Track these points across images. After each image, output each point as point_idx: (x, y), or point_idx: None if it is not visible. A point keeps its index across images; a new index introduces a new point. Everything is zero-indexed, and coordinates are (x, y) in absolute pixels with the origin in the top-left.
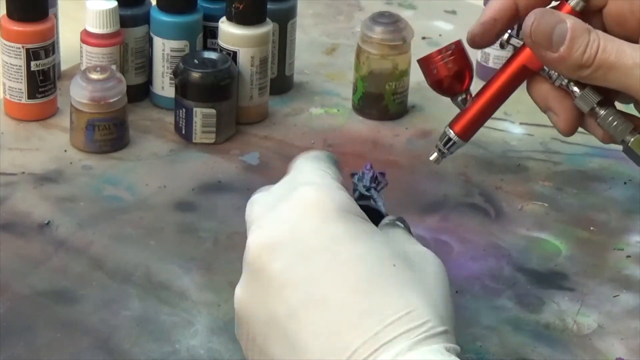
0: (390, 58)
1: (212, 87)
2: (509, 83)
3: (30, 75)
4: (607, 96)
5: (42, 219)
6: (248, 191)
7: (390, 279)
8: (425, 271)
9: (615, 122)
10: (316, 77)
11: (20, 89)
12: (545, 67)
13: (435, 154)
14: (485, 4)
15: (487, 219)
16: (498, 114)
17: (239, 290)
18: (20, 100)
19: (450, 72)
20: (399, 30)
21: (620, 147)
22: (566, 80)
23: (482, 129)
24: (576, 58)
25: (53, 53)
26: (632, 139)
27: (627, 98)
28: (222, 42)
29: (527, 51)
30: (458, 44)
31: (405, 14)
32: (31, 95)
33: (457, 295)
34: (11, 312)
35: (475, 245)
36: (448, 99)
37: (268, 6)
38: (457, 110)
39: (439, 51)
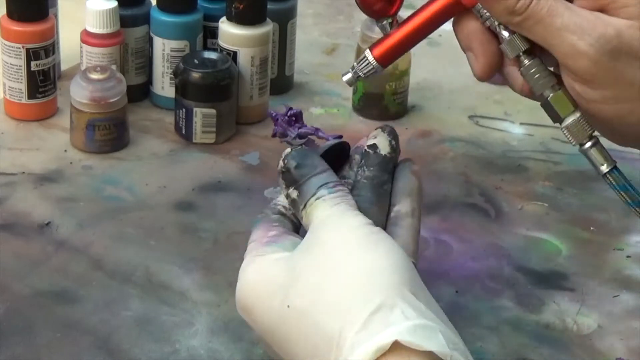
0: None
1: (212, 87)
2: (438, 14)
3: (30, 75)
4: (533, 47)
5: (42, 219)
6: (248, 191)
7: (317, 306)
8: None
9: (538, 74)
10: (316, 77)
11: (20, 89)
12: (477, 5)
13: (349, 75)
14: None
15: (487, 219)
16: (498, 113)
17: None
18: (20, 100)
19: None
20: None
21: (619, 146)
22: (497, 22)
23: (482, 129)
24: (510, 2)
25: (53, 53)
26: (552, 94)
27: (549, 58)
28: (222, 42)
29: None
30: None
31: (406, 14)
32: (31, 95)
33: (457, 295)
34: (11, 312)
35: (475, 245)
36: (448, 99)
37: (268, 6)
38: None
39: None
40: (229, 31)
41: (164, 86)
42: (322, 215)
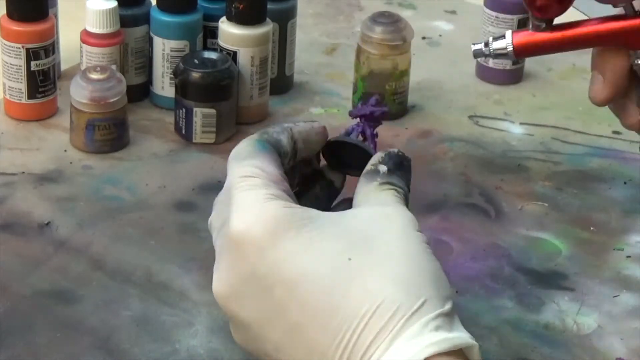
0: (390, 58)
1: (212, 87)
2: (596, 37)
3: (30, 75)
4: None
5: (42, 219)
6: None
7: (348, 278)
8: (387, 238)
9: None
10: (316, 77)
11: (20, 89)
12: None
13: (480, 46)
14: (486, 4)
15: (487, 219)
16: (498, 113)
17: (232, 332)
18: (20, 100)
19: None
20: (399, 30)
21: (619, 147)
22: None
23: (482, 129)
24: None
25: (53, 53)
26: None
27: None
28: (222, 42)
29: (635, 24)
30: None
31: (405, 14)
32: (31, 95)
33: (457, 295)
34: (11, 312)
35: (475, 245)
36: (448, 99)
37: (268, 6)
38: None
39: None
40: (229, 31)
41: (164, 86)
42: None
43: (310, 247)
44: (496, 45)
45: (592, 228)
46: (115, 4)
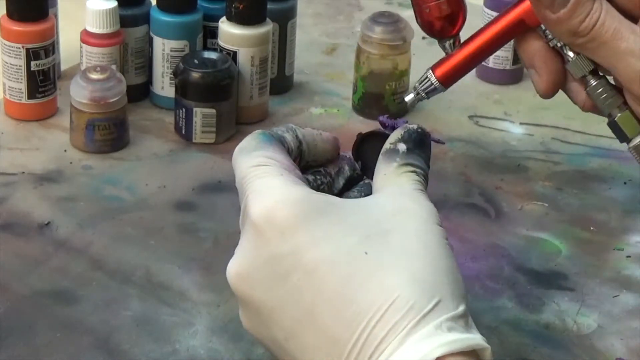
0: (390, 58)
1: (212, 87)
2: (502, 34)
3: (30, 75)
4: (599, 67)
5: (42, 219)
6: None
7: (366, 270)
8: (407, 238)
9: (605, 94)
10: (316, 77)
11: (20, 89)
12: (542, 25)
13: (411, 95)
14: (485, 4)
15: (487, 219)
16: (498, 113)
17: (241, 316)
18: (20, 100)
19: (443, 13)
20: (399, 30)
21: (619, 147)
22: (561, 43)
23: (482, 129)
24: (573, 24)
25: (53, 53)
26: (620, 114)
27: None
28: (222, 42)
29: (526, 5)
30: None
31: (405, 13)
32: (31, 95)
33: None
34: (11, 312)
35: (475, 245)
36: (448, 99)
37: (268, 6)
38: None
39: None
40: (228, 31)
41: (163, 86)
42: (406, 188)
43: (331, 234)
44: (423, 87)
45: (592, 228)
46: (115, 4)
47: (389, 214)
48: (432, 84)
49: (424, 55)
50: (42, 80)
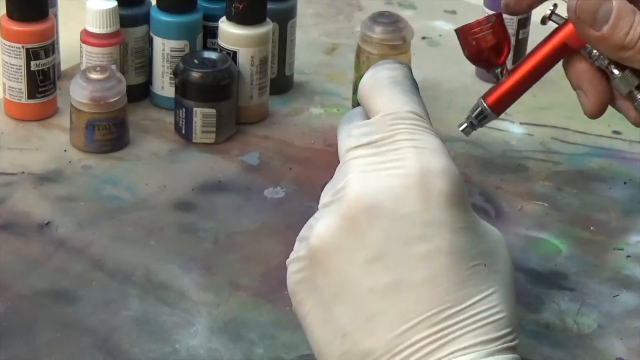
0: (390, 58)
1: (212, 87)
2: (547, 59)
3: (30, 75)
4: None
5: (42, 219)
6: (248, 191)
7: (480, 279)
8: (503, 263)
9: None
10: (316, 77)
11: (20, 89)
12: (586, 46)
13: (465, 125)
14: (485, 4)
15: (487, 218)
16: None
17: (325, 230)
18: (20, 100)
19: (489, 44)
20: (399, 30)
21: (619, 147)
22: (606, 62)
23: (482, 129)
24: (619, 38)
25: (53, 53)
26: None
27: None
28: (222, 42)
29: (569, 29)
30: (498, 15)
31: (405, 13)
32: (31, 95)
33: None
34: (11, 312)
35: None
36: (447, 99)
37: (268, 6)
38: (451, 114)
39: (479, 22)
40: (228, 31)
41: (163, 86)
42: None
43: (463, 233)
44: (476, 116)
45: (592, 228)
46: (115, 4)
47: (494, 239)
48: (483, 112)
49: (424, 55)
50: (42, 80)
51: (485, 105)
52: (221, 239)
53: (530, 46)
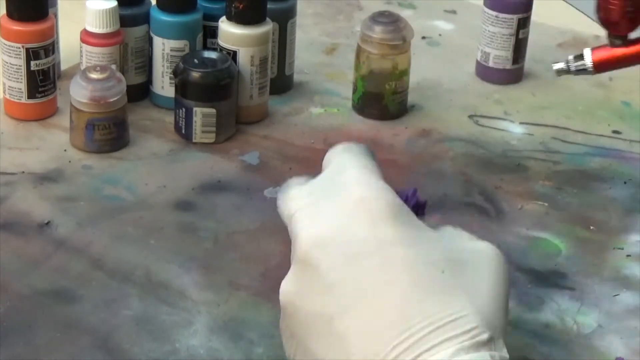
0: (390, 58)
1: (212, 86)
2: None
3: (30, 75)
4: None
5: (42, 219)
6: (248, 191)
7: (438, 285)
8: (479, 273)
9: None
10: (316, 77)
11: (20, 89)
12: None
13: (561, 65)
14: (485, 4)
15: (487, 218)
16: (498, 113)
17: (286, 284)
18: (20, 100)
19: (626, 15)
20: (399, 29)
21: (619, 146)
22: None
23: (482, 129)
24: None
25: (53, 53)
26: None
27: None
28: (222, 41)
29: None
30: None
31: (405, 13)
32: (31, 95)
33: None
34: (11, 311)
35: None
36: (447, 98)
37: (268, 6)
38: (449, 113)
39: None
40: (228, 31)
41: (163, 86)
42: None
43: (420, 242)
44: (577, 63)
45: (592, 227)
46: (115, 3)
47: (467, 247)
48: (585, 63)
49: (424, 55)
50: (42, 80)
51: (590, 59)
52: (221, 238)
53: (530, 46)
